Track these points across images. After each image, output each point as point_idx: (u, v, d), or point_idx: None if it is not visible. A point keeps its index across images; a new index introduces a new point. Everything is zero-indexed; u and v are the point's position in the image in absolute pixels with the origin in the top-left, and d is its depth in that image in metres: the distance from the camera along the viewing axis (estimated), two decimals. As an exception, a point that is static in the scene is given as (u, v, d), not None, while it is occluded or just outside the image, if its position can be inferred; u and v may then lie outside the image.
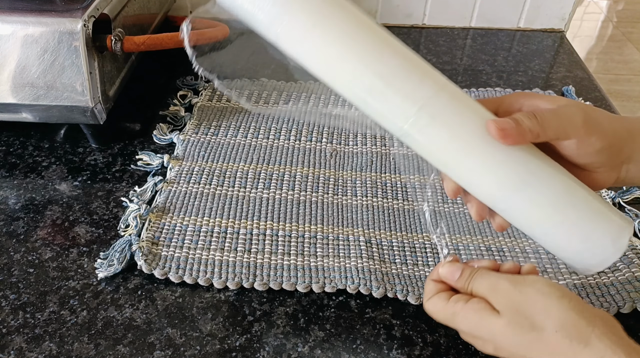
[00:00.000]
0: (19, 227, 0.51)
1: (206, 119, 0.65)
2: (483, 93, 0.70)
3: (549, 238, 0.34)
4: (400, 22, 0.88)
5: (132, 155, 0.60)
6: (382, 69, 0.31)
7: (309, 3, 0.31)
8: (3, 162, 0.59)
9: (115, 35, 0.55)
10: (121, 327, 0.43)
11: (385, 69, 0.31)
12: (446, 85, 0.33)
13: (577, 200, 0.32)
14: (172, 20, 0.84)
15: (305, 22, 0.31)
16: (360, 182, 0.56)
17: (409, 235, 0.51)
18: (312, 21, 0.31)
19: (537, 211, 0.33)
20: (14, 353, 0.41)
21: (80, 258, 0.48)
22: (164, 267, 0.47)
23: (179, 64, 0.77)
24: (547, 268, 0.47)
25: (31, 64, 0.52)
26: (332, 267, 0.47)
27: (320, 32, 0.31)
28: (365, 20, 0.32)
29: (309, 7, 0.31)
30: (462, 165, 0.33)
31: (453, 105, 0.32)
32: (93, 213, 0.53)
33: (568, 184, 0.33)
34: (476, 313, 0.32)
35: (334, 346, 0.42)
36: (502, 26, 0.88)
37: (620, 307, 0.44)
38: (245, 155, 0.60)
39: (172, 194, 0.54)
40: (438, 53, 0.81)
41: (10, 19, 0.51)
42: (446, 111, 0.32)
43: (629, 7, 2.82)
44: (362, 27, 0.32)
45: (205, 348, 0.41)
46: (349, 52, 0.31)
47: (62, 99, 0.54)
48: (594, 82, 0.75)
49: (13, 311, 0.44)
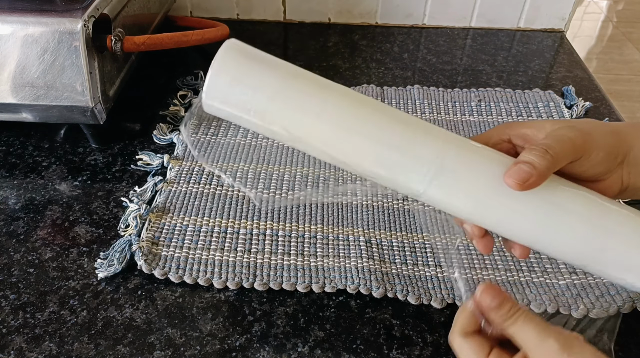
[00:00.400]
0: (19, 227, 0.51)
1: (206, 119, 0.65)
2: (483, 93, 0.70)
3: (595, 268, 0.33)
4: (400, 22, 0.88)
5: (132, 155, 0.60)
6: (389, 139, 0.30)
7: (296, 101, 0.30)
8: (3, 162, 0.59)
9: (115, 35, 0.55)
10: (121, 327, 0.43)
11: (390, 139, 0.30)
12: (453, 139, 0.32)
13: (613, 222, 0.31)
14: (172, 20, 0.84)
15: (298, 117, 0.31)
16: (360, 182, 0.56)
17: (409, 235, 0.51)
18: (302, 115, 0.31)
19: (576, 243, 0.31)
20: (14, 353, 0.41)
21: (80, 258, 0.48)
22: (164, 267, 0.47)
23: (179, 64, 0.77)
24: (547, 268, 0.47)
25: (31, 64, 0.52)
26: (332, 267, 0.47)
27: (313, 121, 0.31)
28: (351, 94, 0.32)
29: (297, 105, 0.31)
30: (487, 215, 0.32)
31: (465, 158, 0.31)
32: (93, 213, 0.53)
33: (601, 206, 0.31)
34: None
35: (334, 346, 0.42)
36: (502, 26, 0.88)
37: (620, 307, 0.44)
38: (245, 155, 0.60)
39: (172, 194, 0.54)
40: (438, 53, 0.81)
41: (10, 19, 0.51)
42: (460, 165, 0.31)
43: (629, 7, 2.82)
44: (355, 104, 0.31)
45: (205, 348, 0.41)
46: (353, 134, 0.31)
47: (62, 99, 0.54)
48: (594, 82, 0.75)
49: (13, 311, 0.44)
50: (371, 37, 0.85)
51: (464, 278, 0.32)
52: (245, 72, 0.30)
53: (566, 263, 0.33)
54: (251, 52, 0.31)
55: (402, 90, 0.71)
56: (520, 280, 0.46)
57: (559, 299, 0.45)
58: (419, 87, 0.71)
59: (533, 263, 0.48)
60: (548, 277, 0.47)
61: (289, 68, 0.32)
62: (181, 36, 0.62)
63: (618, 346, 0.42)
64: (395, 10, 0.87)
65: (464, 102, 0.69)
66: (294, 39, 0.86)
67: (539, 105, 0.68)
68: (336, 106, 0.31)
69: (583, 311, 0.44)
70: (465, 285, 0.32)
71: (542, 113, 0.67)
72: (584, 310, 0.44)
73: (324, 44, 0.83)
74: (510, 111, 0.67)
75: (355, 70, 0.76)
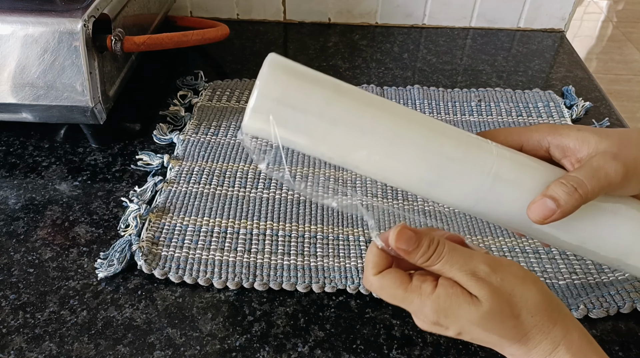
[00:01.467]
0: (19, 227, 0.51)
1: (206, 119, 0.65)
2: (483, 93, 0.70)
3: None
4: (400, 22, 0.88)
5: (132, 155, 0.60)
6: (442, 153, 0.30)
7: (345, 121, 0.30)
8: (3, 162, 0.59)
9: (115, 35, 0.55)
10: (121, 327, 0.43)
11: (443, 153, 0.30)
12: (501, 152, 0.32)
13: None
14: (172, 20, 0.84)
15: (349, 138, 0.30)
16: (360, 182, 0.56)
17: (409, 235, 0.51)
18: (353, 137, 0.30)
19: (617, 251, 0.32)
20: (14, 353, 0.41)
21: (80, 258, 0.48)
22: (164, 267, 0.47)
23: (179, 64, 0.77)
24: (547, 268, 0.47)
25: (31, 64, 0.52)
26: (332, 267, 0.47)
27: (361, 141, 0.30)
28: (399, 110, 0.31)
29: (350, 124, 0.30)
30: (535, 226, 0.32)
31: (515, 168, 0.31)
32: (93, 213, 0.53)
33: None
34: (451, 300, 0.29)
35: (334, 346, 0.42)
36: (502, 26, 0.88)
37: (620, 307, 0.44)
38: (245, 155, 0.60)
39: (172, 194, 0.54)
40: (438, 53, 0.81)
41: (10, 19, 0.51)
42: (511, 175, 0.31)
43: (629, 7, 2.82)
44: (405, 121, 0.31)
45: (205, 348, 0.41)
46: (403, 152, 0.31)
47: (62, 99, 0.54)
48: (594, 82, 0.75)
49: (13, 311, 0.44)
50: (371, 37, 0.85)
51: (372, 216, 0.32)
52: (291, 92, 0.29)
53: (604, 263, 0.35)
54: (295, 69, 0.30)
55: (402, 90, 0.71)
56: (520, 280, 0.46)
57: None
58: (419, 87, 0.71)
59: (533, 263, 0.48)
60: (548, 277, 0.47)
61: (333, 84, 0.30)
62: (181, 36, 0.62)
63: (618, 346, 0.42)
64: (395, 10, 0.87)
65: (464, 102, 0.69)
66: (294, 39, 0.86)
67: (539, 105, 0.68)
68: (382, 122, 0.30)
69: (583, 311, 0.44)
70: (374, 223, 0.32)
71: (542, 113, 0.67)
72: (584, 310, 0.44)
73: (324, 44, 0.83)
74: (510, 111, 0.67)
75: (355, 70, 0.76)
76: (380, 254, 0.31)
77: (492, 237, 0.51)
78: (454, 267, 0.30)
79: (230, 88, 0.71)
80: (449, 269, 0.30)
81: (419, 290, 0.30)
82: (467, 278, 0.29)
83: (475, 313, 0.29)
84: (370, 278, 0.31)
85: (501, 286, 0.29)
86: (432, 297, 0.29)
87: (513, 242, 0.50)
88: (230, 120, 0.64)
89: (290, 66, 0.29)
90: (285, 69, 0.29)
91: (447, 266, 0.30)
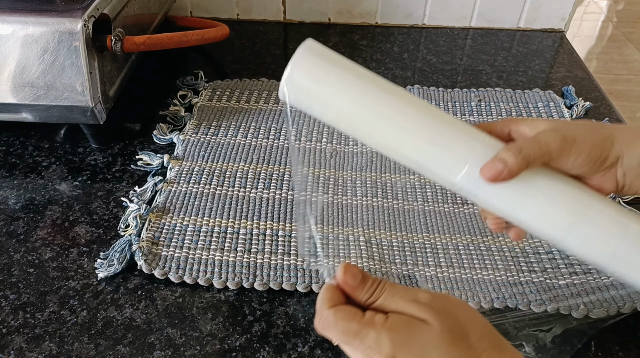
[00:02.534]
0: (19, 227, 0.51)
1: (206, 119, 0.65)
2: (483, 93, 0.70)
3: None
4: (400, 22, 0.88)
5: (132, 155, 0.60)
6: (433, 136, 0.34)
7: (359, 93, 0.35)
8: (3, 162, 0.59)
9: (115, 35, 0.55)
10: (121, 327, 0.43)
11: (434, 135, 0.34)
12: (482, 138, 0.35)
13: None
14: (172, 20, 0.84)
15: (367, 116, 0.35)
16: (360, 182, 0.56)
17: (409, 235, 0.51)
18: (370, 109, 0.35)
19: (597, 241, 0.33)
20: (14, 353, 0.41)
21: (80, 258, 0.48)
22: (164, 267, 0.47)
23: (179, 64, 0.77)
24: (547, 268, 0.47)
25: (31, 64, 0.52)
26: (332, 267, 0.47)
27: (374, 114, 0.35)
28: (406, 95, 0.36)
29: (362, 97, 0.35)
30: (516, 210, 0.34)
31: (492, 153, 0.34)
32: (93, 213, 0.53)
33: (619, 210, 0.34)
34: (405, 326, 0.29)
35: (334, 346, 0.42)
36: (502, 26, 0.88)
37: (620, 307, 0.44)
38: (245, 155, 0.60)
39: (172, 194, 0.54)
40: (438, 53, 0.81)
41: (10, 19, 0.51)
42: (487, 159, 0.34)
43: (629, 7, 2.82)
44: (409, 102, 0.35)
45: (205, 348, 0.41)
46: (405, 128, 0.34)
47: (62, 99, 0.54)
48: (594, 82, 0.75)
49: (13, 311, 0.44)
50: (371, 37, 0.85)
51: (326, 267, 0.35)
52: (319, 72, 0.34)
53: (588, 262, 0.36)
54: (327, 54, 0.35)
55: (402, 90, 0.71)
56: (520, 280, 0.46)
57: (559, 299, 0.45)
58: (419, 87, 0.71)
59: (533, 263, 0.48)
60: (548, 277, 0.47)
61: (358, 70, 0.35)
62: (181, 36, 0.62)
63: (618, 346, 0.42)
64: (395, 10, 0.87)
65: (464, 102, 0.69)
66: (294, 39, 0.86)
67: (539, 105, 0.68)
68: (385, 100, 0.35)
69: (583, 311, 0.44)
70: (328, 272, 0.34)
71: (542, 113, 0.67)
72: (584, 310, 0.44)
73: (324, 44, 0.83)
74: (510, 111, 0.67)
75: (355, 70, 0.76)
76: (334, 290, 0.32)
77: (492, 237, 0.51)
78: (396, 297, 0.31)
79: (230, 88, 0.71)
80: (391, 300, 0.31)
81: (373, 322, 0.30)
82: (410, 304, 0.30)
83: (429, 335, 0.29)
84: (324, 312, 0.31)
85: (444, 309, 0.30)
86: (387, 326, 0.30)
87: (513, 242, 0.50)
88: (230, 120, 0.64)
89: (321, 50, 0.35)
90: (316, 51, 0.35)
91: (389, 297, 0.31)
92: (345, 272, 0.32)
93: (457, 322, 0.30)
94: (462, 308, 0.31)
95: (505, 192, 0.34)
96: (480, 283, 0.46)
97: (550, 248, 0.49)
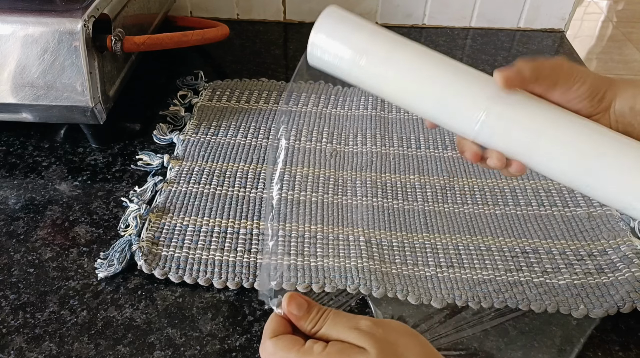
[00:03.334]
0: (19, 227, 0.51)
1: (206, 119, 0.65)
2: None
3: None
4: (400, 22, 0.88)
5: (132, 155, 0.60)
6: (449, 83, 0.36)
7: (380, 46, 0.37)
8: (3, 162, 0.59)
9: (115, 35, 0.55)
10: (121, 327, 0.43)
11: (449, 83, 0.36)
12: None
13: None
14: (172, 20, 0.84)
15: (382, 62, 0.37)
16: (360, 182, 0.56)
17: (409, 235, 0.51)
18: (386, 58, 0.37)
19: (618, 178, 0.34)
20: (14, 353, 0.41)
21: (80, 258, 0.48)
22: (164, 267, 0.47)
23: (179, 64, 0.77)
24: (547, 268, 0.47)
25: (31, 64, 0.52)
26: (332, 267, 0.47)
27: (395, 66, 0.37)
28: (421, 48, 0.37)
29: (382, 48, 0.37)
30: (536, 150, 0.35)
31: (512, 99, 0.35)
32: (93, 213, 0.53)
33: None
34: (342, 353, 0.30)
35: (334, 346, 0.42)
36: (502, 26, 0.88)
37: (620, 307, 0.44)
38: (245, 155, 0.60)
39: (172, 194, 0.54)
40: (438, 53, 0.81)
41: (10, 19, 0.51)
42: (509, 106, 0.35)
43: (629, 7, 2.82)
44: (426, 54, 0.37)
45: (205, 348, 0.41)
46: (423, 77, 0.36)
47: (62, 99, 0.54)
48: (594, 82, 0.75)
49: (13, 311, 0.44)
50: (371, 37, 0.85)
51: (276, 299, 0.35)
52: (338, 30, 0.37)
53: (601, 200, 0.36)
54: (348, 17, 0.38)
55: (402, 90, 0.71)
56: (520, 280, 0.46)
57: (558, 299, 0.45)
58: (419, 87, 0.71)
59: (533, 263, 0.48)
60: (548, 277, 0.47)
61: (376, 29, 0.37)
62: (181, 36, 0.62)
63: (618, 346, 0.42)
64: (395, 10, 0.87)
65: (464, 102, 0.69)
66: (294, 39, 0.86)
67: (539, 105, 0.68)
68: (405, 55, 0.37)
69: (583, 311, 0.44)
70: (276, 301, 0.35)
71: (542, 113, 0.67)
72: (584, 310, 0.44)
73: (324, 44, 0.83)
74: (510, 111, 0.67)
75: (355, 70, 0.76)
76: (279, 321, 0.33)
77: (492, 237, 0.51)
78: (338, 325, 0.31)
79: (230, 88, 0.71)
80: (333, 328, 0.31)
81: (311, 351, 0.31)
82: (350, 332, 0.31)
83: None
84: (266, 342, 0.32)
85: (384, 337, 0.31)
86: (324, 354, 0.30)
87: (513, 242, 0.50)
88: (230, 120, 0.65)
89: (342, 13, 0.38)
90: (338, 14, 0.38)
91: (331, 326, 0.32)
92: (289, 302, 0.32)
93: (395, 350, 0.30)
94: (403, 335, 0.31)
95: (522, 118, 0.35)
96: (480, 283, 0.46)
97: (550, 248, 0.49)
